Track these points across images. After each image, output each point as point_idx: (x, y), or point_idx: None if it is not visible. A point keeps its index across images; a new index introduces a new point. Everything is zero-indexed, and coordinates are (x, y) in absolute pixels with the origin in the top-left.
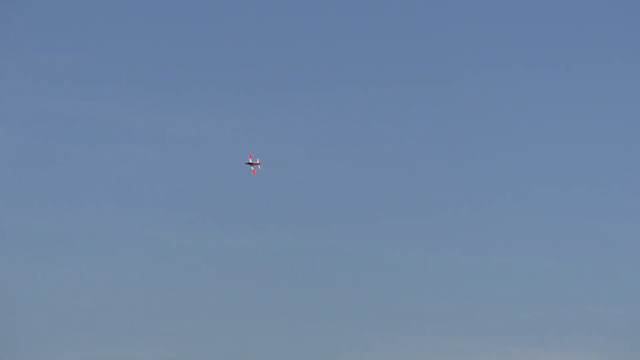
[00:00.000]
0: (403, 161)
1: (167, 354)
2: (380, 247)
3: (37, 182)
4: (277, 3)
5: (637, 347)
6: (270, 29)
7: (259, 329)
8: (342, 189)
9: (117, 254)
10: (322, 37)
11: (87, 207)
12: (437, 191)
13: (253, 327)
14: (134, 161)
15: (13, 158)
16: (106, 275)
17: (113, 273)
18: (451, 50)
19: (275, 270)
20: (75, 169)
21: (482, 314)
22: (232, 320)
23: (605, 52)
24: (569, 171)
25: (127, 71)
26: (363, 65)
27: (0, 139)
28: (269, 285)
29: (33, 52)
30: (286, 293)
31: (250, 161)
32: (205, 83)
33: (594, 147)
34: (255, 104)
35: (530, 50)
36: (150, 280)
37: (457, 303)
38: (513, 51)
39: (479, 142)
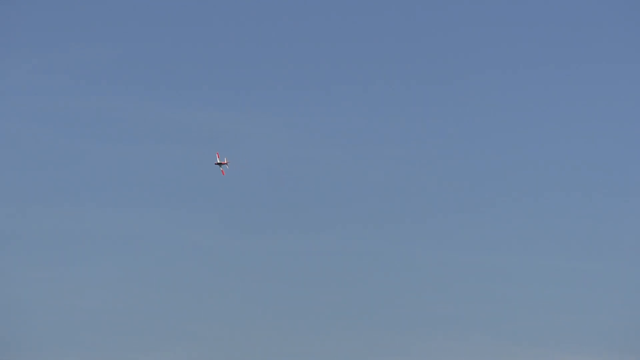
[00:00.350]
0: (416, 161)
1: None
2: (392, 248)
3: (56, 181)
4: (296, 2)
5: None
6: (277, 28)
7: (276, 332)
8: (362, 188)
9: (134, 255)
10: (328, 36)
11: (96, 207)
12: (445, 192)
13: (268, 330)
14: (154, 160)
15: (37, 157)
16: (125, 278)
17: (132, 275)
18: (462, 50)
19: (290, 272)
20: (92, 168)
21: (496, 316)
22: (248, 323)
23: (609, 52)
24: (579, 171)
25: (147, 68)
26: (378, 64)
27: (25, 140)
28: (286, 288)
29: (40, 50)
30: (307, 296)
31: (219, 161)
32: (223, 81)
33: (597, 147)
34: (258, 102)
35: (534, 51)
36: (174, 283)
37: (474, 304)
38: (518, 52)
39: (496, 141)
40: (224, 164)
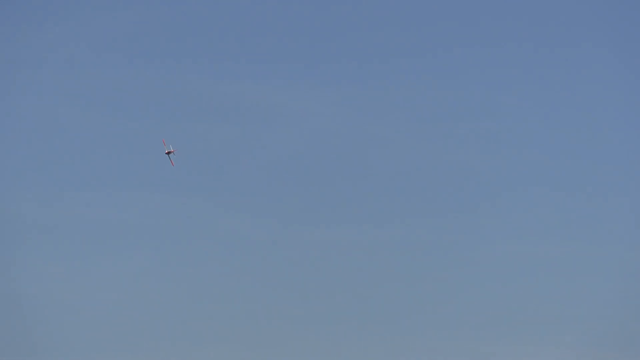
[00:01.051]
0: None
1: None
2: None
3: (91, 168)
4: None
5: (631, 344)
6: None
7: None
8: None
9: (159, 248)
10: (331, 33)
11: (110, 194)
12: (448, 193)
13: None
14: (191, 139)
15: (74, 141)
16: (148, 272)
17: (156, 270)
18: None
19: (347, 265)
20: (121, 150)
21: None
22: (275, 323)
23: (609, 52)
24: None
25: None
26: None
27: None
28: (334, 283)
29: (60, 19)
30: (365, 291)
31: (167, 150)
32: (265, 52)
33: (596, 146)
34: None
35: (535, 50)
36: (203, 279)
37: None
38: (520, 51)
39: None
40: (171, 152)
